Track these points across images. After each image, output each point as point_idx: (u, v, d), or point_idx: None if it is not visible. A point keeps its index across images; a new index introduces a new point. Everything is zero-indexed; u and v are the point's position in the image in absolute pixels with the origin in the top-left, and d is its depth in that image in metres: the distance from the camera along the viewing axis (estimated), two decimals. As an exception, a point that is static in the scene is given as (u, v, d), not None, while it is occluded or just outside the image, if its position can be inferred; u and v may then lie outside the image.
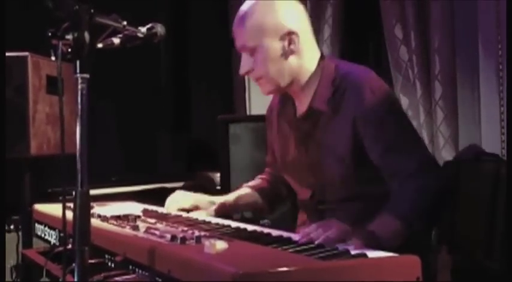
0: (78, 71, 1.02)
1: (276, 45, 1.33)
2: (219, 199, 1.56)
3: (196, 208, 1.54)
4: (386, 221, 1.18)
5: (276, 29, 1.34)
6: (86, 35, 1.03)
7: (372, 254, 0.92)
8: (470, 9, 2.18)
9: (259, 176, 1.66)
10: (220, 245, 0.93)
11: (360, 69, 1.37)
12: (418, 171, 1.24)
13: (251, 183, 1.64)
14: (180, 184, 2.82)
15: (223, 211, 1.53)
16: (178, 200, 1.53)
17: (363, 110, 1.28)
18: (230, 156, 2.45)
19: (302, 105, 1.41)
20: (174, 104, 3.49)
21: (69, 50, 1.04)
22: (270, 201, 1.61)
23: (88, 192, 1.00)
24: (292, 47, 1.34)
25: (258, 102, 3.15)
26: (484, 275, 1.74)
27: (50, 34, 1.06)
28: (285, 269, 0.79)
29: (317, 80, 1.36)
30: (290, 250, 0.95)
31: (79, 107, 1.01)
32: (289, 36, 1.33)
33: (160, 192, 2.82)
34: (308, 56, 1.37)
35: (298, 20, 1.36)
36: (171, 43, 3.30)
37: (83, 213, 0.99)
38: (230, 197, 1.58)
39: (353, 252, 0.92)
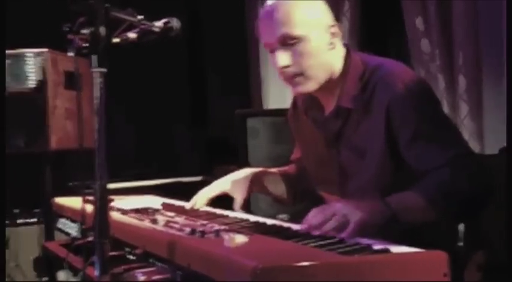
0: (95, 65, 1.02)
1: (323, 38, 1.27)
2: (245, 177, 1.47)
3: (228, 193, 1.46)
4: (405, 195, 1.13)
5: (323, 20, 1.28)
6: (102, 30, 1.03)
7: (395, 249, 0.90)
8: (494, 0, 2.12)
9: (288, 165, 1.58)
10: (240, 238, 0.93)
11: (389, 62, 1.30)
12: (449, 166, 1.15)
13: (279, 168, 1.56)
14: (198, 178, 2.83)
15: (256, 189, 1.48)
16: (204, 194, 1.45)
17: (395, 104, 1.21)
18: (248, 150, 2.44)
19: (329, 104, 1.33)
20: (191, 99, 3.50)
21: (85, 44, 1.04)
22: (293, 189, 1.54)
23: (107, 186, 1.00)
24: (333, 40, 1.28)
25: (275, 96, 3.14)
26: (505, 271, 1.70)
27: (66, 29, 1.07)
28: (306, 263, 0.78)
29: (344, 77, 1.30)
30: (311, 244, 0.94)
31: (97, 101, 1.01)
32: (333, 29, 1.29)
33: (178, 186, 2.83)
34: (339, 52, 1.32)
35: (330, 13, 1.31)
36: (187, 38, 3.30)
37: (103, 207, 0.99)
38: (260, 173, 1.49)
39: (375, 247, 0.90)
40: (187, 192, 1.53)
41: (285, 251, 0.90)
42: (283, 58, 1.26)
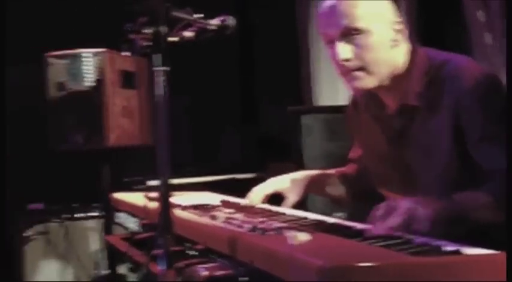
0: (158, 64, 1.04)
1: (386, 33, 1.23)
2: (302, 178, 1.46)
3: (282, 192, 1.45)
4: (472, 194, 1.11)
5: (386, 15, 1.24)
6: (163, 29, 1.05)
7: (467, 250, 0.86)
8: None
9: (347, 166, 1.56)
10: (303, 236, 0.91)
11: (457, 57, 1.25)
12: None
13: (336, 169, 1.54)
14: (252, 175, 2.84)
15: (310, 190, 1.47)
16: (259, 191, 1.46)
17: (464, 100, 1.17)
18: (302, 148, 2.44)
19: (391, 101, 1.29)
20: (242, 96, 3.52)
21: (146, 44, 1.06)
22: (352, 190, 1.51)
23: (169, 182, 1.01)
24: (397, 37, 1.25)
25: (325, 93, 3.10)
26: None
27: (127, 29, 1.09)
28: (375, 263, 0.75)
29: (409, 73, 1.25)
30: (378, 244, 0.91)
31: (159, 99, 1.03)
32: (397, 25, 1.25)
33: (232, 183, 2.86)
34: (403, 49, 1.27)
35: (395, 10, 1.27)
36: (237, 35, 3.32)
37: (166, 203, 1.01)
38: (314, 175, 1.49)
39: (446, 248, 0.87)
40: (240, 188, 1.54)
41: (352, 250, 0.88)
42: (345, 51, 1.22)
